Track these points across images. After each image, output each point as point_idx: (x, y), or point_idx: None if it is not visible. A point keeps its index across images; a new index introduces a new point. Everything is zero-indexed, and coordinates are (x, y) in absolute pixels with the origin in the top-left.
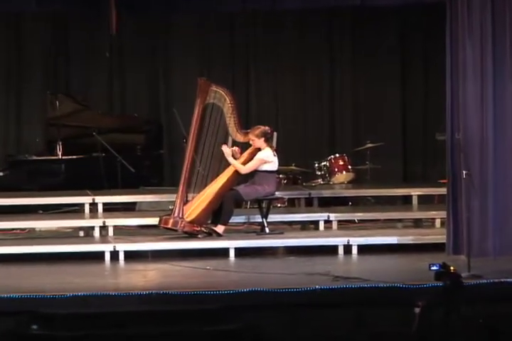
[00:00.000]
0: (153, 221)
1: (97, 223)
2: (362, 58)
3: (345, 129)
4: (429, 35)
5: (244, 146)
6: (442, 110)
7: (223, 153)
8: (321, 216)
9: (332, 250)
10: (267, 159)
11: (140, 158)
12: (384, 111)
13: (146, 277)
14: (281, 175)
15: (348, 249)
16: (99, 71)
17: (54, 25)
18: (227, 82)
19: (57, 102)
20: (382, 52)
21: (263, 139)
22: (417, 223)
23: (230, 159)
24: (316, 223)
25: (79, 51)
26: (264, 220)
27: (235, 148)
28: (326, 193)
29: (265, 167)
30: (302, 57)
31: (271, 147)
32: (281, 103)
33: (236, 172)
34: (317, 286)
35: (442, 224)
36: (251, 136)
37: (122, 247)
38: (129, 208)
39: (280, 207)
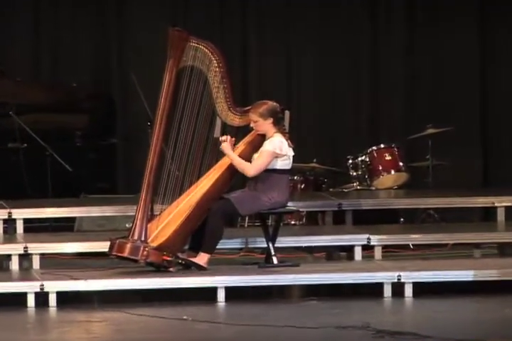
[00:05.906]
0: (101, 246)
1: (15, 250)
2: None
3: (395, 108)
4: None
5: (241, 133)
6: None
7: (214, 145)
8: (357, 238)
9: (374, 290)
10: (280, 151)
11: (81, 151)
12: (453, 81)
13: (90, 332)
14: (296, 177)
15: (398, 288)
16: (20, 20)
17: None
18: (214, 36)
19: None
20: None
21: (271, 120)
22: (504, 250)
23: (232, 155)
24: (349, 249)
25: None
26: (270, 245)
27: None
28: (366, 204)
29: (274, 164)
30: (329, 3)
31: (283, 133)
32: (297, 67)
33: (229, 171)
34: None
35: None
36: (253, 116)
37: (54, 287)
38: (64, 227)
39: (295, 224)
